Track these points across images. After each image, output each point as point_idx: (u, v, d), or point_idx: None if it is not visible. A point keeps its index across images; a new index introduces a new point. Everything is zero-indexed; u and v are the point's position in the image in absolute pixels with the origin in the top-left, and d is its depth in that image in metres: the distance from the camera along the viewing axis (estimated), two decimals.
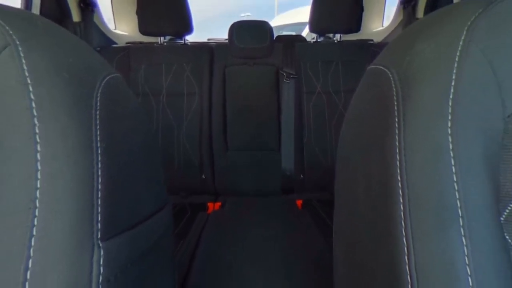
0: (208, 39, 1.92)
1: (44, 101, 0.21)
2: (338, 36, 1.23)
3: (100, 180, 0.22)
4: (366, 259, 0.28)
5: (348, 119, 0.33)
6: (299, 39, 1.69)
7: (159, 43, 1.24)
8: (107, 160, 0.23)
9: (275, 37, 1.27)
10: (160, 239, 0.32)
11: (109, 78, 0.27)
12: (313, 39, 1.29)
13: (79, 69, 0.24)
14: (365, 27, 1.64)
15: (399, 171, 0.23)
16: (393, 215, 0.23)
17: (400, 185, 0.23)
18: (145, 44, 1.26)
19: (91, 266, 0.21)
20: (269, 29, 1.18)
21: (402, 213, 0.23)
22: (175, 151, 1.15)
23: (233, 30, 1.17)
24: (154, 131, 1.14)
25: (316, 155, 1.15)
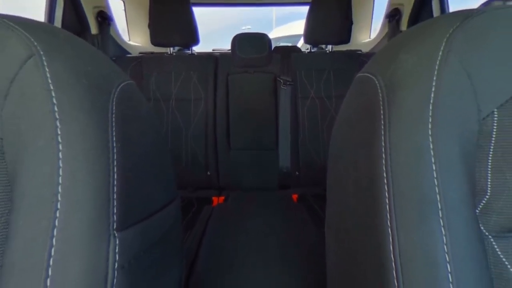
0: (213, 50, 1.91)
1: (65, 105, 0.21)
2: (329, 47, 1.23)
3: (115, 176, 0.22)
4: (355, 247, 0.28)
5: (338, 122, 0.33)
6: (294, 49, 1.69)
7: (169, 53, 1.24)
8: (122, 158, 0.23)
9: (273, 48, 1.27)
10: (169, 230, 0.32)
11: (124, 84, 0.27)
12: (307, 49, 1.29)
13: (96, 77, 0.24)
14: (354, 38, 1.64)
15: (384, 169, 0.23)
16: (379, 208, 0.23)
17: (385, 181, 0.23)
18: (156, 54, 1.26)
19: (107, 254, 0.21)
20: (268, 41, 1.18)
21: (387, 206, 0.23)
22: (183, 150, 1.15)
23: (236, 41, 1.17)
24: (164, 132, 1.14)
25: (310, 154, 1.15)
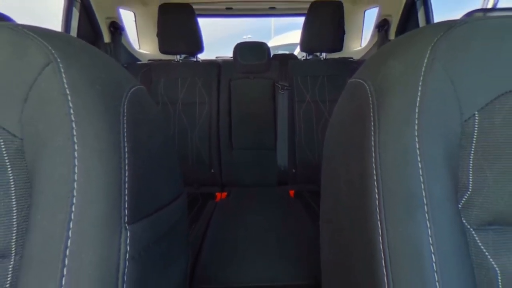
0: (216, 57, 1.91)
1: (80, 109, 0.21)
2: (324, 54, 1.23)
3: (127, 174, 0.22)
4: (347, 239, 0.28)
5: (332, 124, 0.33)
6: (291, 57, 1.69)
7: (176, 60, 1.24)
8: (133, 158, 0.23)
9: (272, 55, 1.27)
10: (176, 223, 0.32)
11: (134, 89, 0.27)
12: (303, 57, 1.29)
13: (109, 82, 0.24)
14: (346, 47, 1.64)
15: (374, 167, 0.23)
16: (369, 203, 0.23)
17: (375, 179, 0.23)
18: (164, 61, 1.26)
19: (119, 245, 0.21)
20: (267, 49, 1.18)
21: (377, 201, 0.23)
22: (189, 150, 1.15)
23: (237, 49, 1.17)
24: (171, 133, 1.14)
25: (306, 153, 1.15)
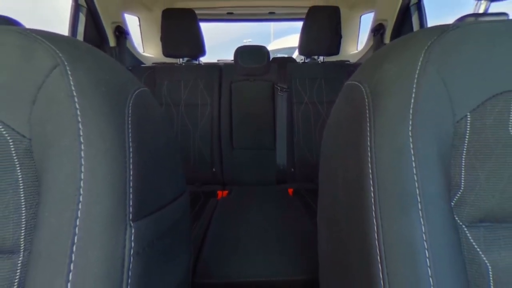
0: (217, 60, 1.91)
1: (87, 110, 0.21)
2: (321, 57, 1.23)
3: (131, 173, 0.22)
4: (344, 236, 0.28)
5: (329, 124, 0.33)
6: (290, 60, 1.68)
7: (179, 63, 1.24)
8: (137, 157, 0.23)
9: (271, 59, 1.27)
10: (179, 220, 0.32)
11: (139, 91, 0.27)
12: (302, 60, 1.29)
13: (114, 85, 0.24)
14: (343, 50, 1.64)
15: (370, 166, 0.23)
16: (365, 201, 0.23)
17: (371, 177, 0.23)
18: (167, 64, 1.26)
19: (124, 241, 0.21)
20: (267, 52, 1.18)
21: (372, 199, 0.23)
22: (191, 150, 1.15)
23: (238, 53, 1.17)
24: (174, 134, 1.14)
25: (304, 153, 1.15)
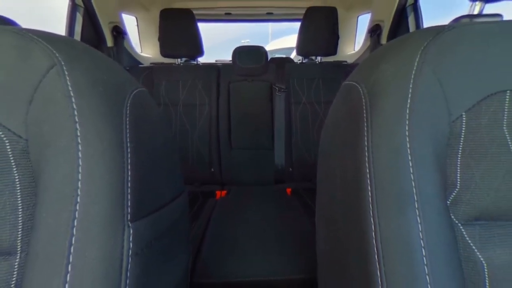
0: (216, 60, 1.91)
1: (84, 110, 0.20)
2: (319, 58, 1.23)
3: (129, 173, 0.22)
4: (342, 234, 0.29)
5: (327, 124, 0.33)
6: (288, 60, 1.69)
7: (177, 63, 1.23)
8: (135, 157, 0.23)
9: (269, 59, 1.27)
10: (178, 220, 0.32)
11: (137, 91, 0.27)
12: (299, 60, 1.29)
13: (112, 85, 0.24)
14: (341, 51, 1.65)
15: (367, 165, 0.23)
16: (363, 200, 0.23)
17: (368, 176, 0.23)
18: (165, 64, 1.25)
19: (122, 242, 0.21)
20: (265, 52, 1.18)
21: (370, 198, 0.23)
22: (189, 150, 1.15)
23: (236, 53, 1.17)
24: (172, 134, 1.14)
25: (302, 153, 1.15)
